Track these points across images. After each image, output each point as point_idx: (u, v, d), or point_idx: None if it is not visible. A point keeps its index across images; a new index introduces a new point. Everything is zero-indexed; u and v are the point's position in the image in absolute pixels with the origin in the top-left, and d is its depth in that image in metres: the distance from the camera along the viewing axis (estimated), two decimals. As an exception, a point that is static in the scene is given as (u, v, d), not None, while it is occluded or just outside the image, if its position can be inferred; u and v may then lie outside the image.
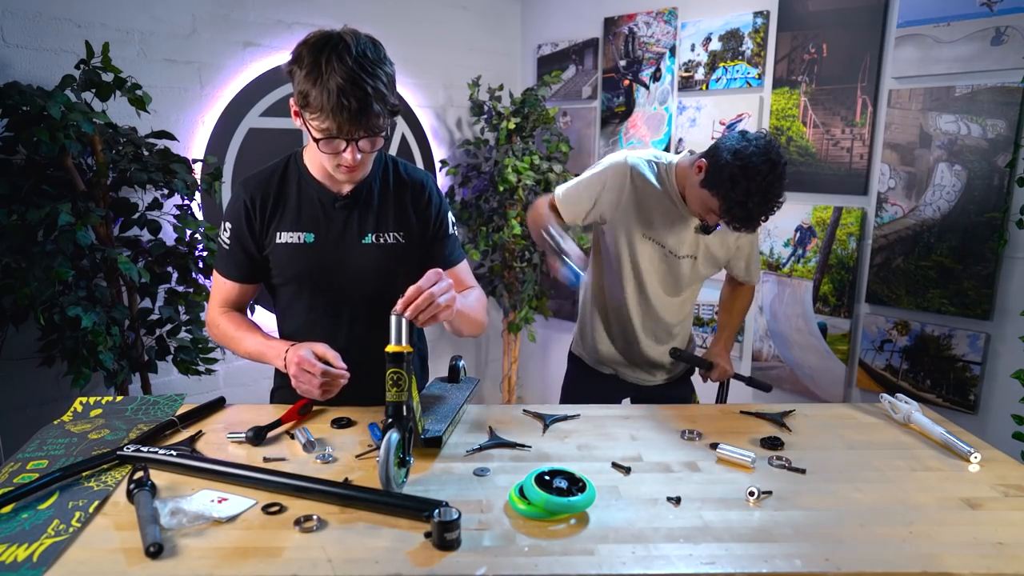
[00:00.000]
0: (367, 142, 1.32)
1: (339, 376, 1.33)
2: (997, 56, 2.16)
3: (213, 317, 1.56)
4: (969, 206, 2.26)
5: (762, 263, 2.84)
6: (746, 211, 1.56)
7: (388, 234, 1.50)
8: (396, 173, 1.53)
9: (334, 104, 1.23)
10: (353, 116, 1.25)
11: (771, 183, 1.54)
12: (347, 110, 1.24)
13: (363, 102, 1.24)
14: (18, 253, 1.97)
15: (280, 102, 2.83)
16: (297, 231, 1.47)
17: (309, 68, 1.24)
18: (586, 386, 2.05)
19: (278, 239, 1.47)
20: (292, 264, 1.48)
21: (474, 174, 3.46)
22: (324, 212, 1.48)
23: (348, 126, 1.27)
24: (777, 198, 1.57)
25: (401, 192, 1.52)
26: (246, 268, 1.51)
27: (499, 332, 3.89)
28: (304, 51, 1.26)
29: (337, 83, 1.22)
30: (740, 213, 1.57)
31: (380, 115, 1.28)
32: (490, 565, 0.96)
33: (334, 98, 1.23)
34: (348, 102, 1.23)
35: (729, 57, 2.87)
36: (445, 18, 3.40)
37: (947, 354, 2.36)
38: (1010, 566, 0.98)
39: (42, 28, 2.24)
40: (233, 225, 1.48)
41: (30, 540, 0.99)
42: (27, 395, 2.32)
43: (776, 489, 1.18)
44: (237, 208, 1.48)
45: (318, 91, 1.23)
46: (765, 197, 1.54)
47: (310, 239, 1.47)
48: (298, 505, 1.11)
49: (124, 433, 1.37)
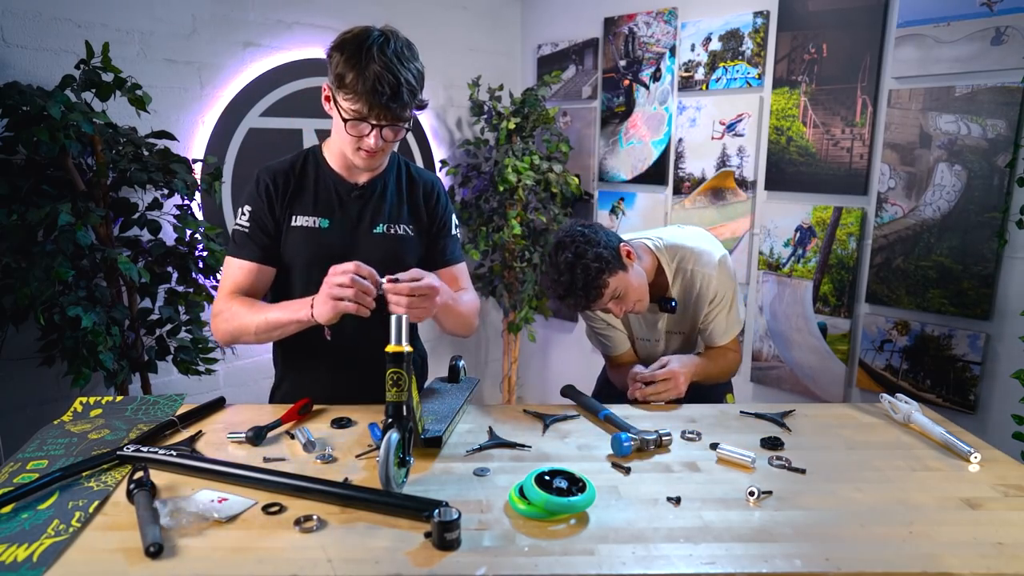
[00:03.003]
0: (390, 131, 1.41)
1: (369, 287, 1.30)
2: (997, 56, 2.16)
3: (220, 305, 1.51)
4: (969, 206, 2.26)
5: (762, 263, 2.84)
6: (557, 291, 1.64)
7: (398, 226, 1.57)
8: (408, 172, 1.63)
9: (370, 87, 1.32)
10: (385, 101, 1.34)
11: (553, 256, 1.64)
12: (380, 95, 1.33)
13: (396, 89, 1.34)
14: (18, 253, 1.97)
15: (280, 102, 2.83)
16: (313, 215, 1.52)
17: (351, 53, 1.34)
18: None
19: (294, 222, 1.52)
20: (305, 246, 1.53)
21: (474, 174, 3.46)
22: (340, 200, 1.54)
23: (379, 109, 1.35)
24: (571, 263, 1.59)
25: (413, 188, 1.61)
26: (265, 249, 1.52)
27: (499, 332, 3.89)
28: (348, 39, 1.37)
29: (375, 70, 1.32)
30: (558, 293, 1.64)
31: (408, 105, 1.38)
32: (490, 565, 0.96)
33: (370, 82, 1.32)
34: (382, 87, 1.32)
35: (729, 57, 2.87)
36: (445, 18, 3.40)
37: (947, 354, 2.36)
38: (1010, 566, 0.98)
39: (42, 28, 2.24)
40: (253, 207, 1.52)
41: (30, 540, 0.99)
42: (27, 395, 2.32)
43: (776, 489, 1.18)
44: (260, 191, 1.52)
45: (356, 74, 1.33)
46: (558, 270, 1.61)
47: (324, 224, 1.53)
48: (298, 505, 1.11)
49: (124, 433, 1.37)
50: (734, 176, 2.91)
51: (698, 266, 1.75)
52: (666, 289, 1.78)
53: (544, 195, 3.39)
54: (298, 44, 2.85)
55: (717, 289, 1.75)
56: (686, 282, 1.77)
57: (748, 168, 2.85)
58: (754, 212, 2.86)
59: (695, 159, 3.04)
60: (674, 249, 1.78)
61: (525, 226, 3.39)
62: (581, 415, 1.54)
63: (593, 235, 1.62)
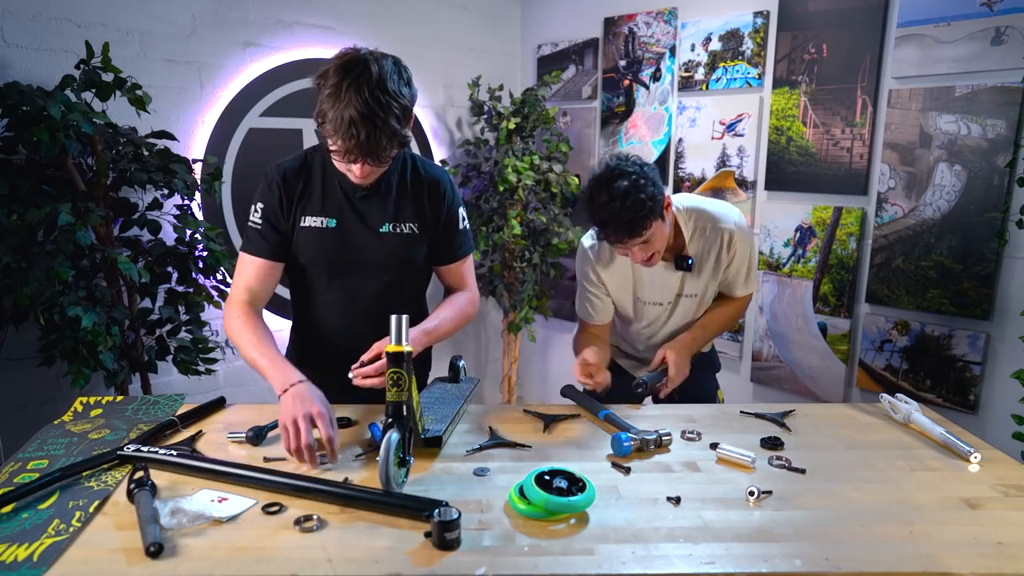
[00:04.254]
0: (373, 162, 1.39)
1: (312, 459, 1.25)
2: (997, 56, 2.16)
3: (232, 310, 1.52)
4: (969, 206, 2.26)
5: (761, 263, 2.84)
6: (600, 216, 1.59)
7: (404, 224, 1.57)
8: (415, 170, 1.61)
9: (344, 131, 1.31)
10: (360, 146, 1.32)
11: (609, 179, 1.58)
12: (355, 139, 1.31)
13: (371, 135, 1.31)
14: (18, 253, 1.97)
15: (280, 102, 2.83)
16: (321, 216, 1.53)
17: (331, 90, 1.32)
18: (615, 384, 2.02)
19: (303, 222, 1.54)
20: (313, 246, 1.54)
21: (474, 174, 3.46)
22: (347, 200, 1.54)
23: (355, 153, 1.34)
24: (625, 192, 1.56)
25: (418, 187, 1.60)
26: (275, 245, 1.54)
27: (499, 332, 3.89)
28: (330, 71, 1.34)
29: (351, 113, 1.29)
30: (600, 219, 1.60)
31: (386, 148, 1.36)
32: (490, 565, 0.96)
33: (344, 126, 1.30)
34: (358, 132, 1.30)
35: (729, 57, 2.87)
36: (445, 18, 3.40)
37: (947, 354, 2.36)
38: (1010, 566, 0.98)
39: (42, 28, 2.24)
40: (264, 204, 1.53)
41: (30, 540, 0.99)
42: (27, 395, 2.32)
43: (776, 489, 1.18)
44: (272, 189, 1.53)
45: (334, 115, 1.31)
46: (610, 195, 1.56)
47: (332, 224, 1.54)
48: (298, 505, 1.11)
49: (124, 433, 1.37)
50: (734, 176, 2.90)
51: (718, 224, 1.77)
52: (683, 249, 1.79)
53: (544, 195, 3.39)
54: (298, 44, 2.85)
55: (738, 245, 1.79)
56: (705, 242, 1.78)
57: (748, 168, 2.85)
58: (754, 212, 2.86)
59: (695, 159, 3.04)
60: (692, 211, 1.79)
61: (525, 226, 3.39)
62: (581, 415, 1.54)
63: (651, 173, 1.62)
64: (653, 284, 1.83)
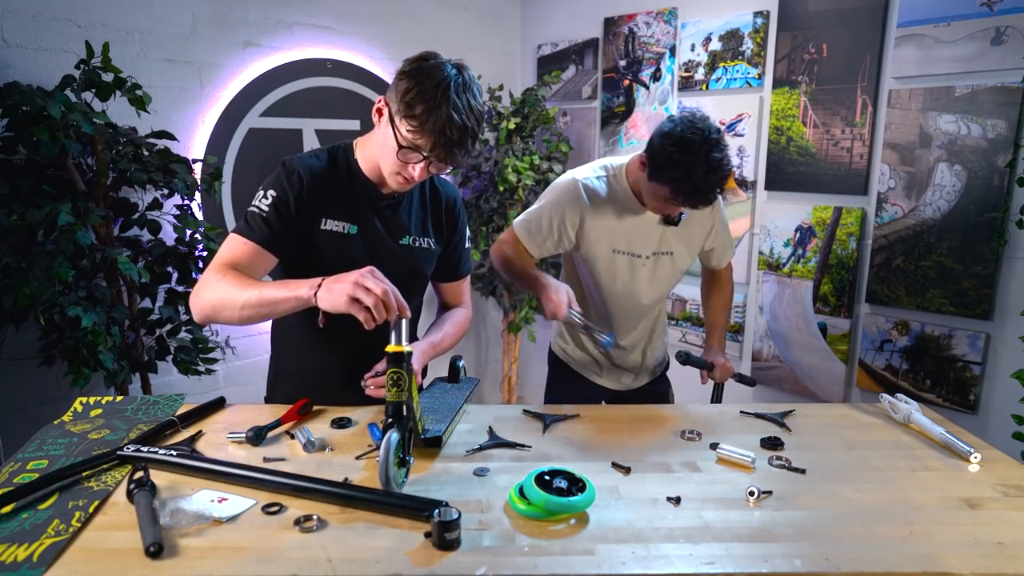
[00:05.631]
0: (438, 167, 1.39)
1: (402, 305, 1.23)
2: (997, 56, 2.16)
3: (208, 276, 1.38)
4: (969, 206, 2.26)
5: (762, 263, 2.84)
6: (694, 186, 1.58)
7: (422, 239, 1.57)
8: (432, 185, 1.61)
9: (439, 128, 1.30)
10: (449, 145, 1.33)
11: (708, 151, 1.56)
12: (447, 139, 1.32)
13: (462, 138, 1.33)
14: (18, 253, 1.97)
15: (280, 102, 2.83)
16: (343, 221, 1.49)
17: (426, 86, 1.30)
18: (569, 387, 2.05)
19: (323, 225, 1.47)
20: (333, 252, 1.48)
21: (474, 174, 3.46)
22: (371, 207, 1.51)
23: (440, 151, 1.34)
24: (720, 164, 1.58)
25: (436, 203, 1.61)
26: (275, 236, 1.43)
27: (499, 332, 3.89)
28: (423, 67, 1.33)
29: (448, 112, 1.30)
30: (690, 189, 1.59)
31: (467, 154, 1.38)
32: (490, 565, 0.96)
33: (440, 124, 1.30)
34: (451, 132, 1.31)
35: (729, 57, 2.87)
36: (445, 18, 3.40)
37: (947, 354, 2.36)
38: (1010, 566, 0.98)
39: (42, 28, 2.24)
40: (278, 193, 1.43)
41: (30, 540, 0.99)
42: (27, 395, 2.32)
43: (776, 489, 1.18)
44: (291, 181, 1.44)
45: (426, 109, 1.30)
46: (709, 166, 1.56)
47: (353, 231, 1.49)
48: (298, 505, 1.11)
49: (124, 433, 1.37)
50: (734, 176, 2.90)
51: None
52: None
53: (544, 195, 3.39)
54: (298, 44, 2.85)
55: (719, 206, 1.91)
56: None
57: (748, 168, 2.85)
58: (754, 212, 2.86)
59: (695, 159, 3.04)
60: None
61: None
62: (582, 415, 1.53)
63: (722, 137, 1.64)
64: (636, 235, 1.82)
